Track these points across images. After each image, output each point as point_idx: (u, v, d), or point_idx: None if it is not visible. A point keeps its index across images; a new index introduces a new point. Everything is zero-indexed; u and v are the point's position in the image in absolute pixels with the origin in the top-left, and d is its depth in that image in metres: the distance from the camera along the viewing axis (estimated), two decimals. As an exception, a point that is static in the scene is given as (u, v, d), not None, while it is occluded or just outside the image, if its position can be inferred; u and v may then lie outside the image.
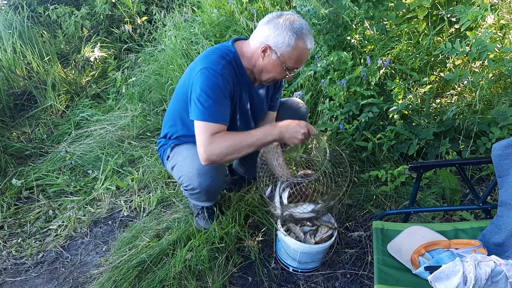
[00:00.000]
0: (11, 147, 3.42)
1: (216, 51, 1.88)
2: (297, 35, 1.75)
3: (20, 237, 2.55)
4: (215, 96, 1.78)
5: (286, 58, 1.80)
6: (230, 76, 1.83)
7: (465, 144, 2.51)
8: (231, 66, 1.85)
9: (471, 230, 1.75)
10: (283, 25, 1.75)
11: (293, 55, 1.79)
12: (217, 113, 1.79)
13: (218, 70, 1.78)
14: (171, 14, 4.73)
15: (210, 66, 1.79)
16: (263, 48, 1.79)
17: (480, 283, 1.22)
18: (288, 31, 1.74)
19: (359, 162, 2.67)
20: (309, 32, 1.80)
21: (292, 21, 1.76)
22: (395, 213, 2.21)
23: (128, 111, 3.70)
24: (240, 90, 1.94)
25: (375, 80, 2.62)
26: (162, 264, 2.10)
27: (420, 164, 1.87)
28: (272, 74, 1.87)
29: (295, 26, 1.75)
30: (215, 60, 1.81)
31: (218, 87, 1.78)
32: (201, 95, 1.77)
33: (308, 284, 2.05)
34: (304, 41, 1.77)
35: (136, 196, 2.74)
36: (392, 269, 1.62)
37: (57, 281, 2.22)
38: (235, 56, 1.87)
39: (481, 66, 2.92)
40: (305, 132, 1.78)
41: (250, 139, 1.79)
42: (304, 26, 1.78)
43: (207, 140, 1.76)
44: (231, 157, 1.82)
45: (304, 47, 1.79)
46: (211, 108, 1.77)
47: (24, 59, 4.29)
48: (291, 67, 1.84)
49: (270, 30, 1.77)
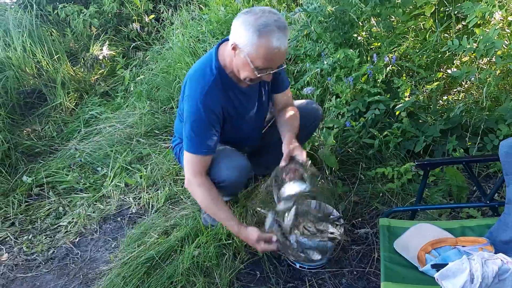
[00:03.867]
0: (21, 144, 3.47)
1: (201, 73, 1.87)
2: (260, 33, 1.61)
3: (31, 234, 2.60)
4: (197, 129, 1.84)
5: (254, 57, 1.67)
6: (215, 99, 1.83)
7: (472, 141, 2.50)
8: (215, 85, 1.83)
9: (478, 227, 1.75)
10: (247, 22, 1.63)
11: (259, 54, 1.65)
12: (198, 145, 1.87)
13: (201, 100, 1.80)
14: (178, 12, 4.75)
15: (193, 94, 1.83)
16: (232, 46, 1.71)
17: (487, 281, 1.22)
18: (251, 28, 1.61)
19: (366, 159, 2.68)
20: (279, 28, 1.62)
21: (258, 17, 1.62)
22: (402, 210, 2.21)
23: (136, 109, 3.73)
24: (231, 100, 1.93)
25: (381, 77, 2.62)
26: (170, 260, 2.12)
27: (426, 161, 1.88)
28: (246, 74, 1.75)
29: (259, 23, 1.61)
30: (199, 88, 1.83)
31: (200, 119, 1.82)
32: (186, 127, 1.86)
33: (315, 280, 2.06)
34: (269, 39, 1.61)
35: (145, 193, 2.77)
36: (399, 267, 1.62)
37: (67, 277, 2.26)
38: (218, 69, 1.84)
39: (488, 63, 2.90)
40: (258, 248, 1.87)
41: (214, 214, 1.97)
42: (272, 22, 1.61)
43: (190, 175, 1.93)
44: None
45: (269, 46, 1.63)
46: (193, 140, 1.86)
47: (33, 58, 4.33)
48: (261, 67, 1.70)
49: (237, 27, 1.67)
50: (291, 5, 3.72)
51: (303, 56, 3.16)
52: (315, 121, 2.32)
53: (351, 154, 2.69)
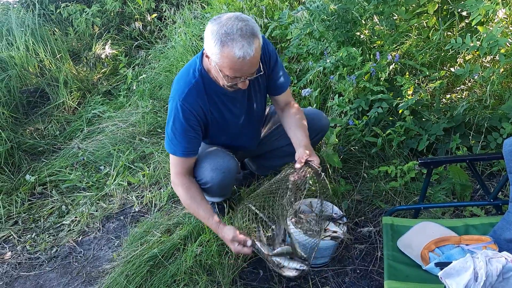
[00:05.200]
0: (24, 143, 3.48)
1: (183, 74, 1.88)
2: (222, 42, 1.56)
3: (34, 232, 2.61)
4: (177, 131, 1.86)
5: (221, 67, 1.64)
6: (196, 102, 1.83)
7: (476, 139, 2.49)
8: (197, 88, 1.83)
9: (481, 226, 1.75)
10: (212, 31, 1.59)
11: (224, 63, 1.62)
12: (178, 147, 1.89)
13: (181, 102, 1.81)
14: (181, 11, 4.75)
15: (175, 96, 1.85)
16: (205, 54, 1.71)
17: (491, 279, 1.22)
18: (213, 37, 1.58)
19: (369, 158, 2.67)
20: (242, 37, 1.56)
21: (222, 25, 1.57)
22: (405, 209, 2.21)
23: (139, 107, 3.74)
24: (216, 104, 1.92)
25: (384, 76, 2.61)
26: (173, 259, 2.13)
27: (430, 160, 1.86)
28: (221, 81, 1.74)
29: (222, 32, 1.56)
30: (179, 90, 1.84)
31: (179, 122, 1.84)
32: (168, 128, 1.89)
33: (318, 279, 2.06)
34: (231, 49, 1.56)
35: (147, 191, 2.77)
36: (402, 265, 1.62)
37: (71, 275, 2.26)
38: (201, 73, 1.83)
39: (492, 61, 2.89)
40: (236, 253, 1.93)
41: (195, 212, 1.97)
42: (234, 31, 1.55)
43: (173, 175, 1.97)
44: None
45: (232, 55, 1.57)
46: (174, 141, 1.89)
47: (36, 57, 4.34)
48: (231, 76, 1.66)
49: (205, 36, 1.63)
50: (294, 4, 3.71)
51: (305, 55, 3.15)
52: (320, 133, 2.28)
53: (354, 153, 2.69)
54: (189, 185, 1.95)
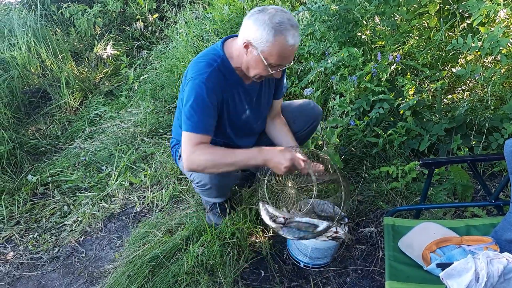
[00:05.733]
0: (26, 143, 3.49)
1: (204, 57, 1.88)
2: (276, 30, 1.66)
3: (36, 232, 2.61)
4: (198, 107, 1.81)
5: (267, 55, 1.72)
6: (217, 83, 1.83)
7: (477, 140, 2.49)
8: (219, 71, 1.84)
9: (483, 226, 1.75)
10: (262, 20, 1.68)
11: (273, 52, 1.71)
12: (198, 123, 1.82)
13: (203, 80, 1.79)
14: (182, 12, 4.76)
15: (196, 76, 1.81)
16: (245, 44, 1.75)
17: (492, 280, 1.22)
18: (266, 26, 1.67)
19: (370, 158, 2.68)
20: (292, 26, 1.70)
21: (273, 15, 1.68)
22: (407, 209, 2.22)
23: (140, 108, 3.74)
24: (233, 93, 1.93)
25: (386, 76, 2.62)
26: (175, 259, 2.13)
27: (431, 160, 1.87)
28: (257, 71, 1.80)
29: (274, 21, 1.67)
30: (201, 69, 1.82)
31: (202, 98, 1.80)
32: (187, 107, 1.82)
33: (319, 279, 2.06)
34: (284, 37, 1.68)
35: (149, 192, 2.78)
36: (403, 266, 1.62)
37: (73, 276, 2.27)
38: (223, 59, 1.86)
39: (493, 61, 2.89)
40: (288, 166, 1.74)
41: (232, 158, 1.80)
42: (286, 21, 1.68)
43: (190, 149, 1.81)
44: (211, 170, 1.85)
45: (284, 43, 1.69)
46: (193, 118, 1.81)
47: (38, 57, 4.35)
48: (274, 64, 1.75)
49: (250, 25, 1.71)
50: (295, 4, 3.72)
51: (307, 55, 3.15)
52: (314, 122, 2.31)
53: (355, 153, 2.69)
54: (208, 145, 1.84)
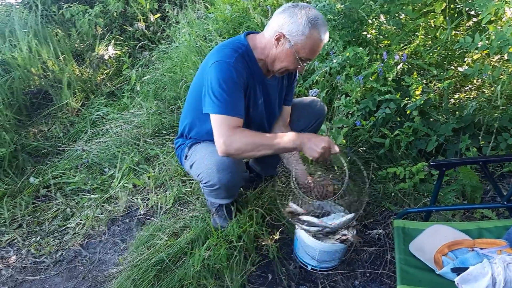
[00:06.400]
0: (28, 145, 3.45)
1: (228, 45, 1.88)
2: (312, 25, 1.74)
3: (39, 236, 2.58)
4: (229, 89, 1.77)
5: (300, 48, 1.78)
6: (244, 68, 1.83)
7: (486, 140, 2.46)
8: (244, 59, 1.84)
9: (495, 229, 1.71)
10: (299, 14, 1.75)
11: (306, 45, 1.77)
12: (233, 106, 1.79)
13: (231, 63, 1.78)
14: (184, 11, 4.72)
15: (223, 59, 1.79)
16: (277, 36, 1.79)
17: (510, 285, 1.19)
18: (303, 19, 1.73)
19: (377, 159, 2.64)
20: (324, 23, 1.78)
21: (308, 10, 1.76)
22: (417, 211, 2.18)
23: (143, 109, 3.71)
24: (254, 83, 1.93)
25: (392, 76, 2.58)
26: (180, 263, 2.09)
27: (442, 162, 1.84)
28: (285, 64, 1.85)
29: (310, 16, 1.74)
30: (228, 53, 1.81)
31: (232, 80, 1.78)
32: (216, 89, 1.77)
33: (327, 282, 2.03)
34: (318, 31, 1.76)
35: (153, 194, 2.74)
36: (415, 269, 1.59)
37: (76, 280, 2.24)
38: (247, 48, 1.87)
39: (500, 60, 2.86)
40: (326, 147, 1.74)
41: (271, 141, 1.78)
42: (319, 17, 1.77)
43: (227, 132, 1.75)
44: (249, 154, 1.81)
45: (318, 37, 1.77)
46: (227, 101, 1.77)
47: (39, 58, 4.32)
48: (304, 57, 1.81)
49: (286, 18, 1.77)
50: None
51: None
52: (319, 119, 2.32)
53: (361, 154, 2.66)
54: (246, 129, 1.82)
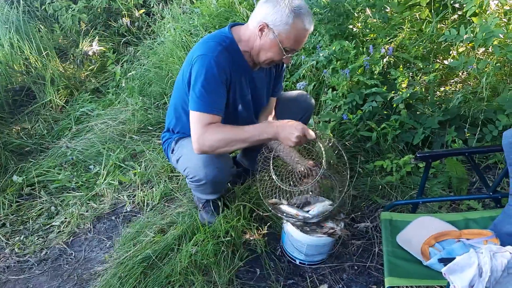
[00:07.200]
0: (11, 143, 3.38)
1: (213, 38, 1.86)
2: (295, 14, 1.71)
3: (22, 234, 2.53)
4: (208, 86, 1.76)
5: (284, 38, 1.75)
6: (227, 62, 1.80)
7: (471, 132, 2.47)
8: (228, 52, 1.81)
9: (481, 219, 1.73)
10: (282, 3, 1.72)
11: (290, 35, 1.74)
12: (210, 103, 1.78)
13: (214, 58, 1.76)
14: (169, 6, 4.66)
15: (206, 53, 1.77)
16: (260, 26, 1.76)
17: (496, 274, 1.19)
18: (286, 9, 1.70)
19: (364, 152, 2.64)
20: (309, 12, 1.76)
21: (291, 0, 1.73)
22: (404, 203, 2.19)
23: (128, 105, 3.66)
24: (239, 77, 1.90)
25: (378, 69, 2.58)
26: (167, 259, 2.07)
27: (428, 153, 1.83)
28: (270, 55, 1.81)
29: (294, 5, 1.71)
30: (211, 47, 1.79)
31: (212, 76, 1.76)
32: (196, 85, 1.77)
33: (315, 276, 2.03)
34: (302, 21, 1.73)
35: (139, 190, 2.71)
36: (402, 261, 1.59)
37: (61, 278, 2.20)
38: (231, 41, 1.84)
39: (485, 53, 2.87)
40: (300, 135, 1.72)
41: (244, 134, 1.78)
42: (303, 6, 1.74)
43: (200, 129, 1.77)
44: (223, 149, 1.81)
45: (302, 27, 1.74)
46: (204, 98, 1.77)
47: (21, 54, 4.23)
48: (289, 48, 1.78)
49: (269, 8, 1.74)
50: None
51: (298, 49, 3.11)
52: (306, 113, 2.30)
53: (348, 148, 2.65)
54: (219, 124, 1.81)
